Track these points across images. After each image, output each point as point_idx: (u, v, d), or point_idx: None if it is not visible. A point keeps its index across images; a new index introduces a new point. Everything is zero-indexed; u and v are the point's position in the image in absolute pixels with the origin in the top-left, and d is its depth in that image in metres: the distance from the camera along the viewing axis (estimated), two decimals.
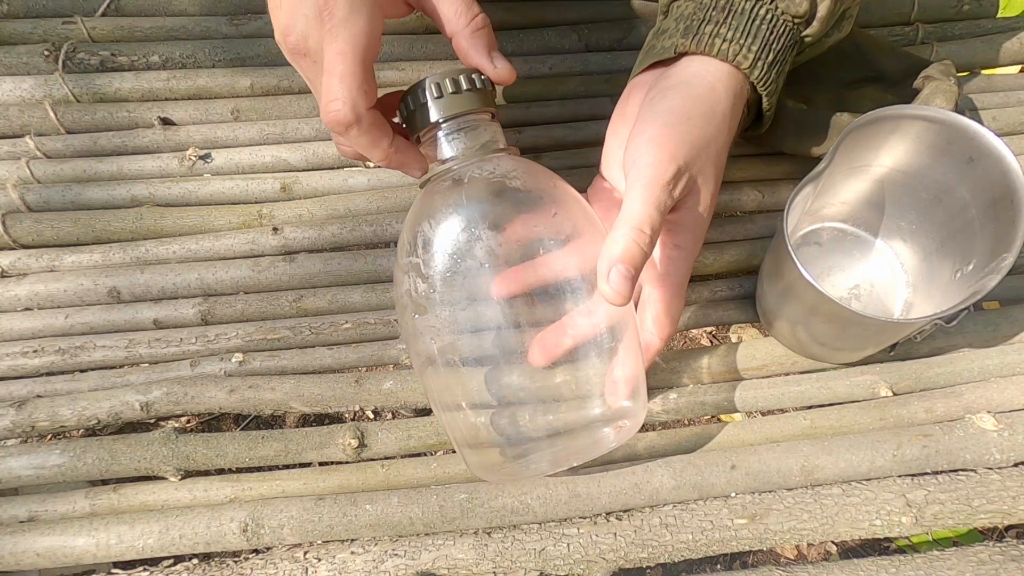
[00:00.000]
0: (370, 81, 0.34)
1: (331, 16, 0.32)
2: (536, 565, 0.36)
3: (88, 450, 0.39)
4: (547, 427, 0.34)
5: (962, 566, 0.35)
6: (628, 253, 0.31)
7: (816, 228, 0.47)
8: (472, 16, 0.37)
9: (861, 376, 0.42)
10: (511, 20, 0.56)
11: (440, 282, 0.33)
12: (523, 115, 0.52)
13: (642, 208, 0.32)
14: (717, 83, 0.37)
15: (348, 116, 0.33)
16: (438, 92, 0.35)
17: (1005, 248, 0.36)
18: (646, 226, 0.32)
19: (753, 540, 0.37)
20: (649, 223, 0.32)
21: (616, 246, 0.32)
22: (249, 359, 0.43)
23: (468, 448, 0.35)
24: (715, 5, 0.38)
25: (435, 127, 0.36)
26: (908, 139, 0.40)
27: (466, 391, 0.34)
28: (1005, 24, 0.58)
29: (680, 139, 0.34)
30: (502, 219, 0.33)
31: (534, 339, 0.33)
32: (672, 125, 0.35)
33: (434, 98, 0.35)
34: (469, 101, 0.36)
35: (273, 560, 0.36)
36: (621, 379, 0.34)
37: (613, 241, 0.32)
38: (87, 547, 0.37)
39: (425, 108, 0.35)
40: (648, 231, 0.32)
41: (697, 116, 0.35)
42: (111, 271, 0.46)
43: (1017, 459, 0.39)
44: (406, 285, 0.33)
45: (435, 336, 0.33)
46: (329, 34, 0.33)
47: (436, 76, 0.35)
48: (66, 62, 0.52)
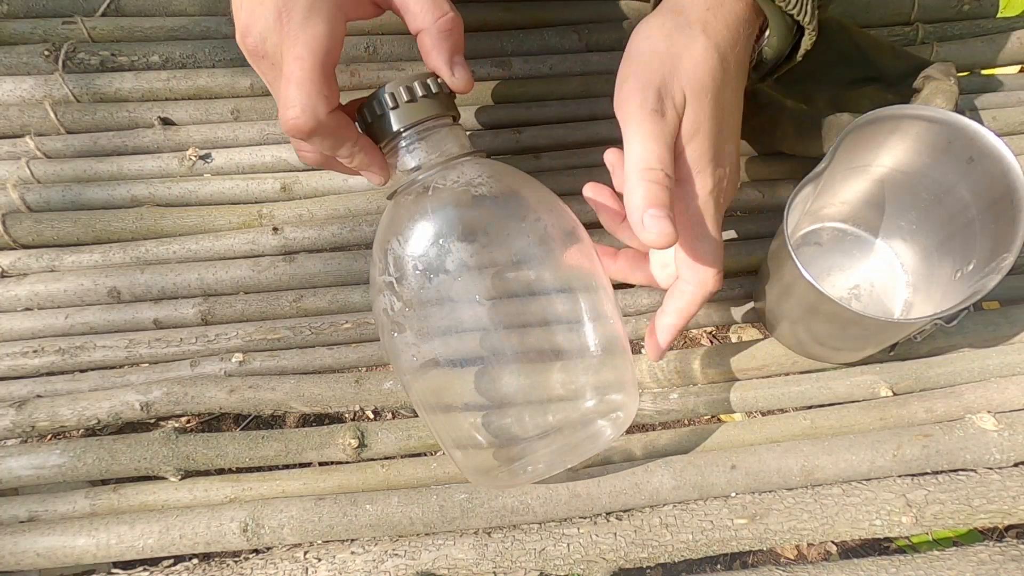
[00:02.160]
0: (330, 85, 0.33)
1: (289, 19, 0.32)
2: (536, 565, 0.36)
3: (88, 450, 0.39)
4: (540, 426, 0.33)
5: (962, 566, 0.35)
6: (650, 195, 0.31)
7: (816, 228, 0.47)
8: (440, 15, 0.35)
9: (861, 376, 0.42)
10: (511, 20, 0.56)
11: (415, 300, 0.32)
12: (523, 115, 0.52)
13: (641, 146, 0.32)
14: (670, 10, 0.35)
15: (307, 123, 0.32)
16: (394, 102, 0.34)
17: (1005, 248, 0.36)
18: (653, 161, 0.31)
19: (753, 540, 0.37)
20: (655, 157, 0.31)
21: (635, 195, 0.31)
22: (249, 359, 0.43)
23: (462, 457, 0.34)
24: None
25: (395, 137, 0.35)
26: (908, 139, 0.40)
27: (453, 400, 0.33)
28: (1005, 24, 0.58)
29: (647, 60, 0.33)
30: (471, 228, 0.33)
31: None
32: (637, 51, 0.34)
33: (391, 108, 0.34)
34: (427, 108, 0.35)
35: (273, 560, 0.36)
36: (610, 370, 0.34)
37: (630, 191, 0.31)
38: (87, 547, 0.37)
39: (383, 119, 0.35)
40: (657, 164, 0.31)
41: (658, 31, 0.34)
42: (111, 271, 0.46)
43: (1017, 459, 0.39)
44: (382, 304, 0.33)
45: (416, 353, 0.33)
46: (288, 38, 0.32)
47: (391, 85, 0.34)
48: (66, 62, 0.52)
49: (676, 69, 0.33)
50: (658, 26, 0.34)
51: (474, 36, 0.55)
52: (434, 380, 0.33)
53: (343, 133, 0.34)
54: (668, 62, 0.33)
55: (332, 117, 0.33)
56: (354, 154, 0.35)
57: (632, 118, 0.32)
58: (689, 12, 0.34)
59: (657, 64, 0.33)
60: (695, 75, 0.33)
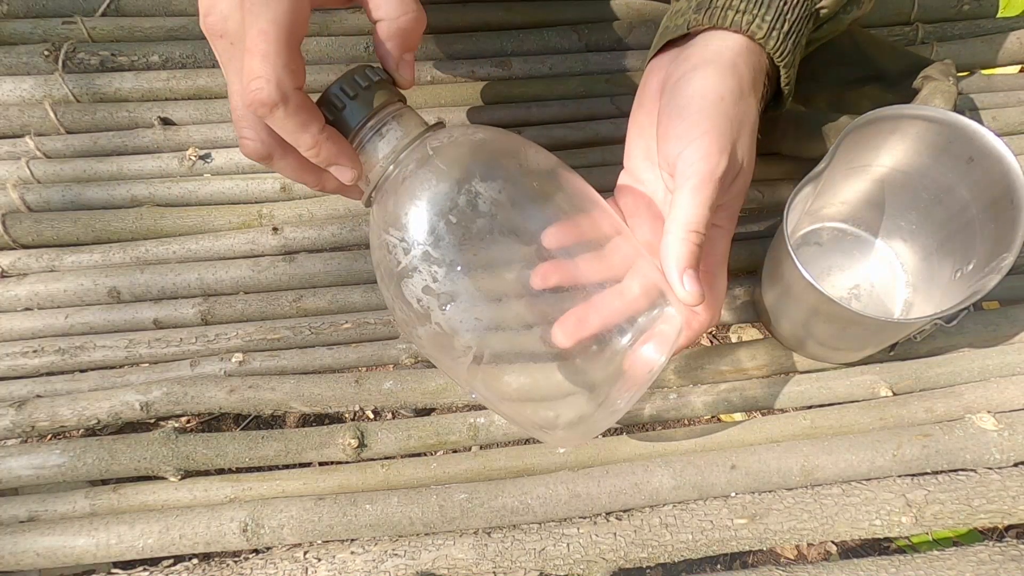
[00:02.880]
0: (296, 60, 0.31)
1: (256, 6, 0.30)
2: (536, 565, 0.36)
3: (88, 450, 0.39)
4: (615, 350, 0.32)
5: (962, 566, 0.35)
6: (691, 256, 0.33)
7: (816, 228, 0.47)
8: (403, 12, 0.34)
9: (861, 376, 0.42)
10: (511, 20, 0.56)
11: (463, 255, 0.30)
12: (523, 115, 0.52)
13: (696, 210, 0.33)
14: (737, 58, 0.36)
15: (272, 95, 0.30)
16: (354, 91, 0.32)
17: (1005, 248, 0.36)
18: (701, 226, 0.33)
19: (753, 540, 0.37)
20: (704, 224, 0.33)
21: (678, 251, 0.33)
22: (249, 359, 0.43)
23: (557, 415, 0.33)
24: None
25: (363, 127, 0.33)
26: (908, 139, 0.40)
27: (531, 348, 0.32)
28: (1005, 24, 0.58)
29: (722, 125, 0.34)
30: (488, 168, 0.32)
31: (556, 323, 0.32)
32: (707, 111, 0.34)
33: (351, 98, 0.32)
34: (386, 93, 0.33)
35: (273, 560, 0.36)
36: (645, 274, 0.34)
37: (673, 245, 0.33)
38: (87, 547, 0.37)
39: (346, 112, 0.33)
40: (703, 230, 0.33)
41: (728, 96, 0.35)
42: (111, 271, 0.46)
43: (1017, 459, 0.39)
44: (418, 284, 0.31)
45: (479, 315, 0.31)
46: (250, 14, 0.30)
47: (345, 77, 0.33)
48: (66, 62, 0.52)
49: (741, 137, 0.35)
50: (730, 89, 0.35)
51: (474, 36, 0.55)
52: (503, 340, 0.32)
53: (306, 115, 0.32)
54: (737, 129, 0.35)
55: (299, 94, 0.31)
56: (320, 143, 0.32)
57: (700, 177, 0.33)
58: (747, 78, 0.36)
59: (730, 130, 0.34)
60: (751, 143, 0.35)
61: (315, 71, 0.53)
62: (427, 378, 0.42)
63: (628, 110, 0.45)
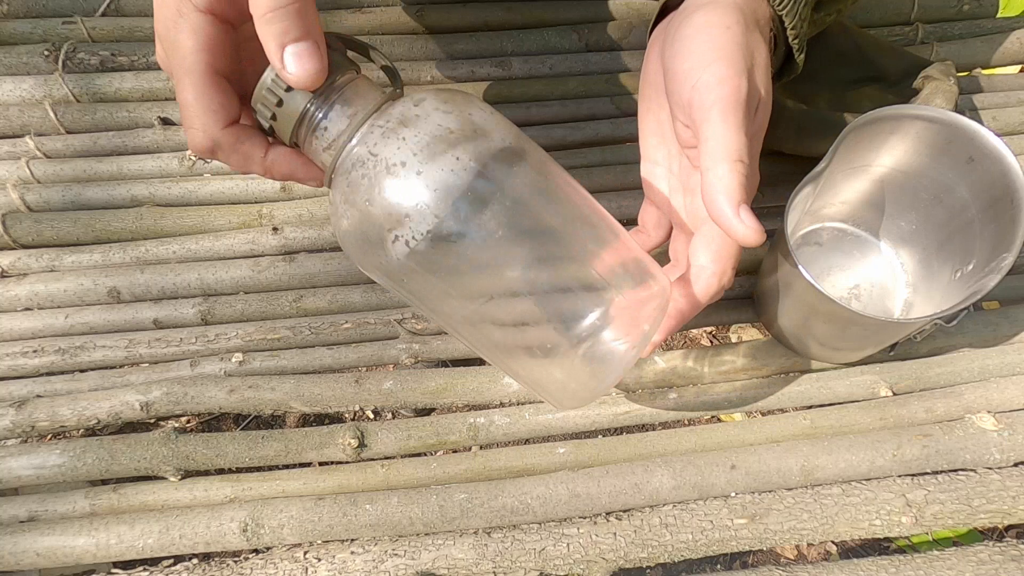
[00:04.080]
0: (221, 96, 0.30)
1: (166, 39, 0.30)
2: (536, 565, 0.36)
3: (88, 450, 0.39)
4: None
5: (962, 566, 0.35)
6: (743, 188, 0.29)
7: (816, 228, 0.47)
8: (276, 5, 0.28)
9: (861, 376, 0.42)
10: (511, 20, 0.56)
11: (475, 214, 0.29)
12: (523, 115, 0.52)
13: (733, 134, 0.29)
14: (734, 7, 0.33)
15: (204, 144, 0.30)
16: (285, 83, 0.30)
17: (1005, 248, 0.36)
18: (745, 155, 0.30)
19: (753, 540, 0.37)
20: (747, 151, 0.30)
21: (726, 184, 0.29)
22: (249, 359, 0.43)
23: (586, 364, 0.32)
24: None
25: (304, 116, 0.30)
26: (908, 139, 0.40)
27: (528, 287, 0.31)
28: (1005, 24, 0.58)
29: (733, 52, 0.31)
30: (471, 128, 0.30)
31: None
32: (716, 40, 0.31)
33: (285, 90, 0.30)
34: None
35: (273, 560, 0.36)
36: None
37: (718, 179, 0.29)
38: (87, 547, 0.37)
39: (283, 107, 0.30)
40: (747, 159, 0.30)
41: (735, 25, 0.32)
42: (111, 271, 0.46)
43: (1017, 459, 0.39)
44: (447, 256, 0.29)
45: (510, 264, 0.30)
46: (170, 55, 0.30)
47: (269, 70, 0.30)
48: (66, 62, 0.52)
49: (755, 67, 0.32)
50: (735, 20, 0.32)
51: (474, 36, 0.55)
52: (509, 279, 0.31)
53: (245, 148, 0.31)
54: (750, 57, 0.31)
55: (230, 133, 0.31)
56: (268, 168, 0.32)
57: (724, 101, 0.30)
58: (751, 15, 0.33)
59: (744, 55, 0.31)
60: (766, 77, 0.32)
61: None
62: (427, 378, 0.42)
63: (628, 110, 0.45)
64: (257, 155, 0.32)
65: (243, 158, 0.31)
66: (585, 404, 0.39)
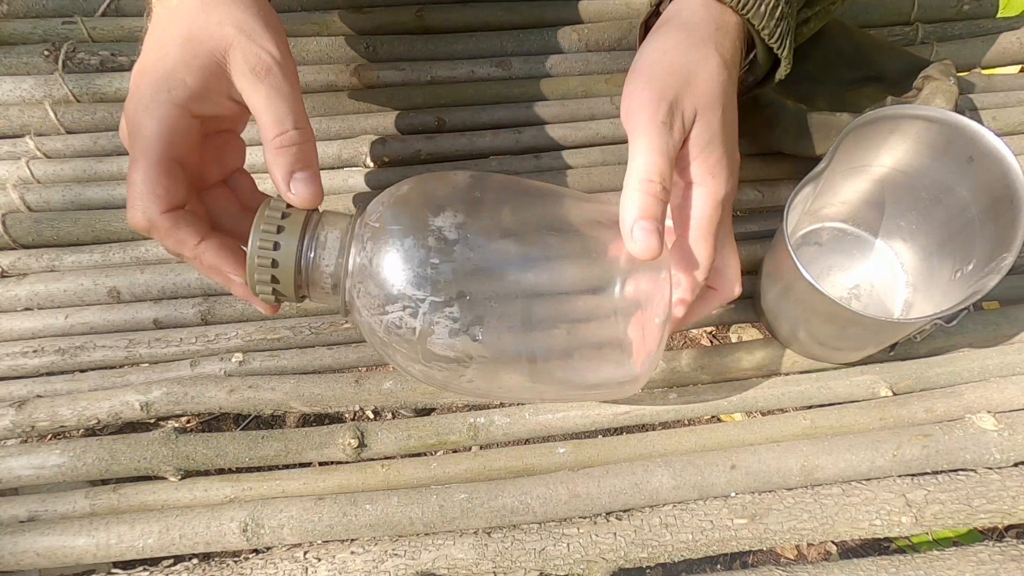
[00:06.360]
0: (168, 182, 0.32)
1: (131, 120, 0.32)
2: (536, 565, 0.36)
3: (88, 450, 0.39)
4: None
5: (962, 566, 0.35)
6: (644, 207, 0.31)
7: (816, 228, 0.47)
8: (278, 131, 0.33)
9: (861, 376, 0.42)
10: (511, 20, 0.56)
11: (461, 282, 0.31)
12: (523, 115, 0.52)
13: (645, 157, 0.32)
14: (692, 15, 0.36)
15: (140, 222, 0.32)
16: (269, 238, 0.31)
17: (1005, 248, 0.36)
18: (653, 174, 0.32)
19: (753, 540, 0.37)
20: (656, 170, 0.32)
21: (631, 204, 0.31)
22: (249, 359, 0.43)
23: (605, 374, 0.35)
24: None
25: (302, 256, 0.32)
26: (908, 139, 0.40)
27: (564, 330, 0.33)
28: (1005, 24, 0.58)
29: (662, 74, 0.34)
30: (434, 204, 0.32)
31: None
32: (652, 64, 0.34)
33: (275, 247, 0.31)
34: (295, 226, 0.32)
35: (273, 560, 0.36)
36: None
37: (627, 199, 0.32)
38: (87, 547, 0.37)
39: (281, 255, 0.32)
40: (656, 178, 0.32)
41: (673, 48, 0.35)
42: (111, 271, 0.46)
43: (1017, 459, 0.39)
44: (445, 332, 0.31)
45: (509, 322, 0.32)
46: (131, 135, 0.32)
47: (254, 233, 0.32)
48: (66, 62, 0.52)
49: (690, 85, 0.34)
50: (674, 42, 0.35)
51: (474, 36, 0.55)
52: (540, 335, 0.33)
53: (179, 234, 0.33)
54: (682, 78, 0.34)
55: (168, 218, 0.32)
56: (198, 255, 0.33)
57: (641, 129, 0.33)
58: (701, 31, 0.35)
59: (672, 79, 0.33)
60: (709, 89, 0.34)
61: (315, 71, 0.53)
62: None
63: None
64: (190, 242, 0.33)
65: (176, 243, 0.33)
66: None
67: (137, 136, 0.32)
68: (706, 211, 0.34)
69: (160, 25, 0.34)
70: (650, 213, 0.31)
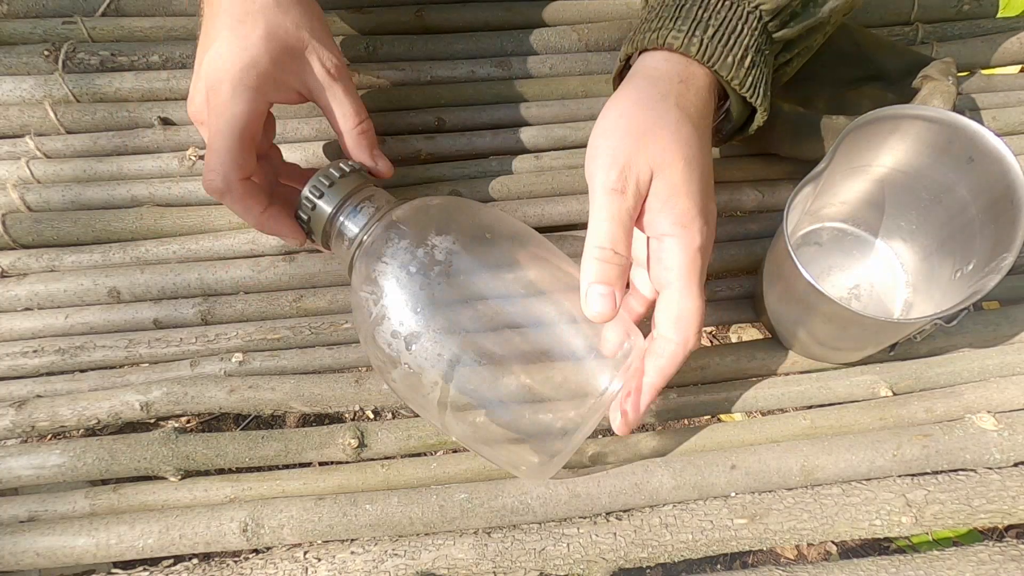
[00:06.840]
0: (245, 155, 0.38)
1: (215, 99, 0.37)
2: (536, 565, 0.36)
3: (88, 450, 0.39)
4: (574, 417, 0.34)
5: (962, 566, 0.35)
6: (597, 272, 0.33)
7: (816, 228, 0.47)
8: (359, 120, 0.42)
9: (861, 376, 0.42)
10: (511, 20, 0.56)
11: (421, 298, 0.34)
12: (523, 115, 0.52)
13: (597, 225, 0.33)
14: (655, 70, 0.37)
15: (220, 186, 0.38)
16: (319, 192, 0.38)
17: (1005, 248, 0.36)
18: (605, 241, 0.33)
19: (753, 540, 0.37)
20: (608, 237, 0.33)
21: (586, 270, 0.33)
22: (249, 359, 0.43)
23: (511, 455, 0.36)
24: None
25: (336, 214, 0.38)
26: (908, 139, 0.40)
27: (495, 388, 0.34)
28: (1005, 24, 0.58)
29: (617, 138, 0.34)
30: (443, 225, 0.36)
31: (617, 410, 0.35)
32: (607, 130, 0.35)
33: (319, 197, 0.38)
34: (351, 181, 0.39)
35: (273, 560, 0.36)
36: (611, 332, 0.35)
37: (583, 266, 0.33)
38: (87, 547, 0.37)
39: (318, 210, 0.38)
40: (608, 244, 0.33)
41: (629, 110, 0.35)
42: (111, 271, 0.46)
43: (1017, 459, 0.39)
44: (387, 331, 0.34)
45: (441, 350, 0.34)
46: (212, 113, 0.38)
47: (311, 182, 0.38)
48: (66, 62, 0.52)
49: (644, 146, 0.34)
50: (633, 101, 0.36)
51: (474, 36, 0.55)
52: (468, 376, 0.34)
53: (250, 201, 0.39)
54: (636, 139, 0.34)
55: (243, 184, 0.38)
56: (262, 221, 0.40)
57: (593, 195, 0.34)
58: (662, 86, 0.36)
59: (625, 143, 0.34)
60: (666, 146, 0.34)
61: None
62: None
63: None
64: (257, 208, 0.39)
65: (245, 208, 0.39)
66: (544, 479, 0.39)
67: (222, 112, 0.37)
68: (684, 261, 0.34)
69: (239, 17, 0.38)
70: (602, 278, 0.33)
